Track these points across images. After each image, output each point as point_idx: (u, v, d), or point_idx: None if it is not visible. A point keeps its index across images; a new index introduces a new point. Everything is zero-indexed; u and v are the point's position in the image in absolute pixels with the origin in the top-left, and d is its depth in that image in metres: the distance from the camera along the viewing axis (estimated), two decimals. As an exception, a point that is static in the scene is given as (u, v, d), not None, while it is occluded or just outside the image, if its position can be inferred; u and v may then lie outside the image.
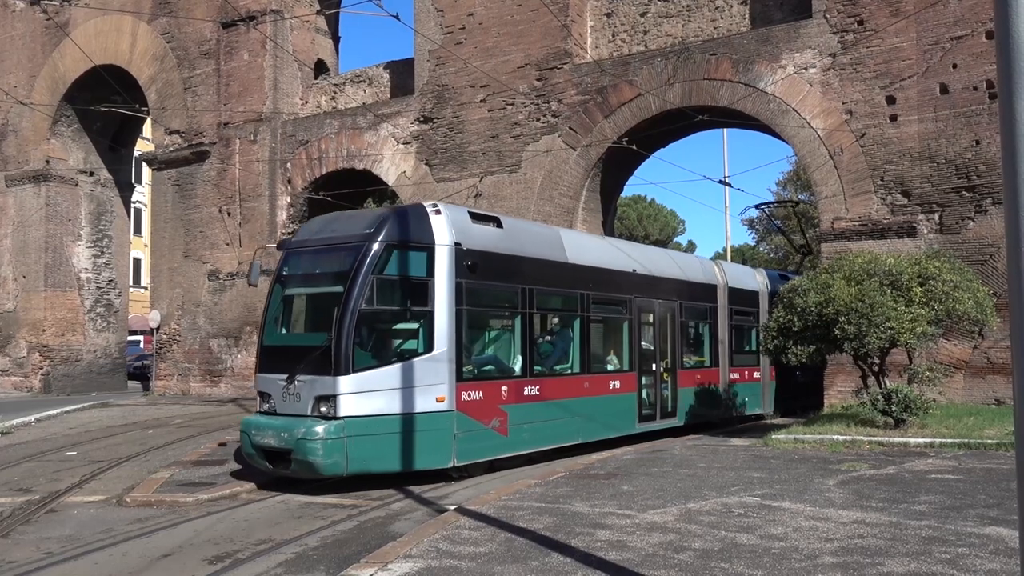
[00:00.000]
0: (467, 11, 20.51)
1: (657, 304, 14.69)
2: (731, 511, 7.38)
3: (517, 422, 11.17)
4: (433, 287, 10.16)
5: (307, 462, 9.35)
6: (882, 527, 6.60)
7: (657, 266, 15.04)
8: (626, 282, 13.88)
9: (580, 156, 19.23)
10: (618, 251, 14.24)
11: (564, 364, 12.62)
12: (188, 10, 24.46)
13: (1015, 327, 2.95)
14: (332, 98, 23.88)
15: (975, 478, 8.81)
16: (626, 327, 13.94)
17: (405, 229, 10.23)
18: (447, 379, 10.11)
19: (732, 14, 18.69)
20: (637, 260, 14.41)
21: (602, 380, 13.23)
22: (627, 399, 13.71)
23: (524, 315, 11.56)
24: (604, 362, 13.67)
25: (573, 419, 12.27)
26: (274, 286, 10.86)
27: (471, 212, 11.26)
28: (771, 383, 18.59)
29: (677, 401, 15.04)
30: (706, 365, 16.40)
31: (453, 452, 10.17)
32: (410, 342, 10.30)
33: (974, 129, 15.30)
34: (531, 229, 12.80)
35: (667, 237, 48.55)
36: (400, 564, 5.78)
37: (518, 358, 11.55)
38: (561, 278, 12.39)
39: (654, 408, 14.40)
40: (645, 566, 5.60)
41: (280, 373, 9.95)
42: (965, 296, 12.05)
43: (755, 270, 19.66)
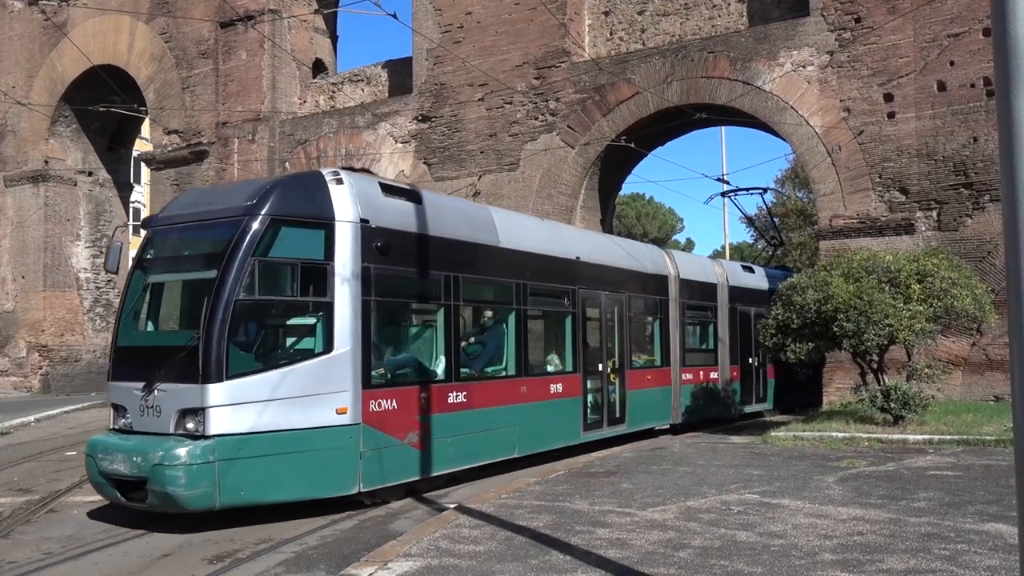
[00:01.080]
0: (465, 10, 20.50)
1: (604, 297, 13.08)
2: (731, 508, 7.39)
3: (440, 435, 9.44)
4: (333, 272, 8.34)
5: (165, 494, 7.49)
6: (881, 524, 6.62)
7: (603, 254, 13.43)
8: (569, 271, 12.23)
9: (578, 154, 19.24)
10: (559, 236, 12.62)
11: (497, 366, 10.95)
12: (186, 10, 24.45)
13: (1013, 324, 2.96)
14: (330, 97, 23.88)
15: (974, 475, 8.82)
16: (569, 323, 12.30)
17: (298, 201, 8.45)
18: (351, 385, 8.34)
19: (730, 12, 18.70)
20: (581, 246, 12.82)
21: (542, 383, 11.53)
22: (571, 405, 12.06)
23: (448, 308, 9.83)
24: (544, 363, 12.11)
25: (508, 429, 10.64)
26: (133, 272, 8.86)
27: (383, 183, 9.43)
28: (734, 384, 17.26)
29: (626, 406, 13.45)
30: (656, 365, 14.94)
31: (359, 475, 8.39)
32: (304, 340, 8.56)
33: (972, 126, 15.31)
34: (457, 206, 11.03)
35: (665, 235, 48.57)
36: (400, 563, 5.79)
37: (441, 359, 9.82)
38: (493, 265, 10.68)
39: (601, 414, 12.81)
40: (645, 564, 5.61)
41: (136, 381, 8.04)
42: (963, 293, 12.07)
43: (714, 261, 18.46)
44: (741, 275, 18.20)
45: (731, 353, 17.08)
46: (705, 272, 16.86)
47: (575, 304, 12.32)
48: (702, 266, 17.17)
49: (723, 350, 16.84)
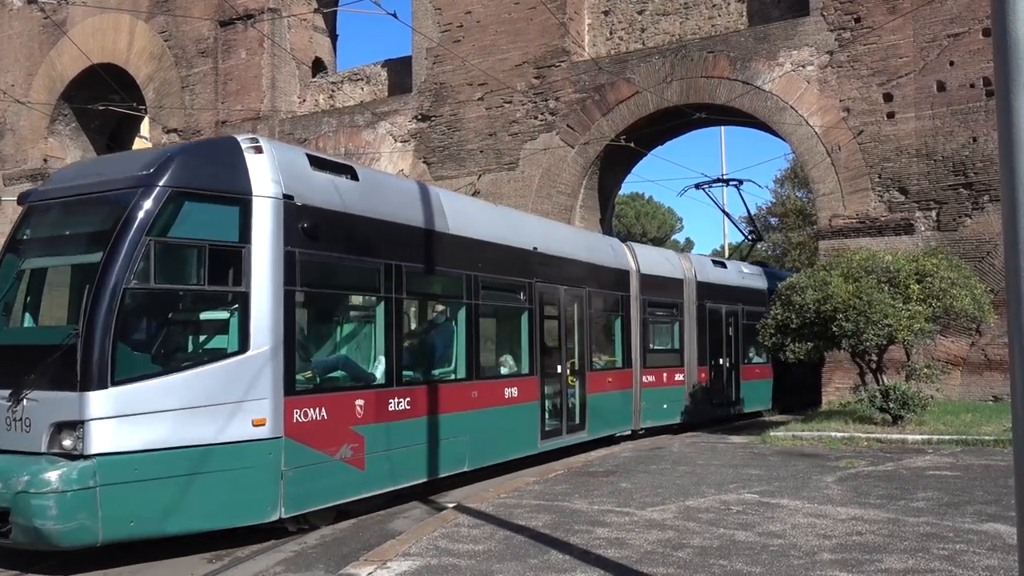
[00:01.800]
0: (465, 9, 20.50)
1: (563, 292, 12.02)
2: (730, 508, 7.40)
3: (379, 449, 8.21)
4: (249, 257, 7.01)
5: (32, 528, 6.06)
6: (880, 524, 6.62)
7: (562, 244, 12.36)
8: (525, 263, 11.12)
9: (578, 154, 19.24)
10: (514, 223, 11.46)
11: (445, 368, 9.74)
12: (186, 9, 24.43)
13: (1012, 324, 2.97)
14: (330, 96, 23.87)
15: (973, 475, 8.83)
16: (525, 320, 11.14)
17: (207, 171, 7.09)
18: (270, 392, 7.01)
19: (730, 12, 18.70)
20: (538, 236, 11.69)
21: (496, 387, 10.37)
22: (527, 411, 10.92)
23: (389, 302, 8.54)
24: (498, 364, 11.02)
25: (457, 440, 9.43)
26: (4, 256, 7.42)
27: (311, 154, 8.10)
28: (701, 386, 16.16)
29: (586, 411, 12.40)
30: (617, 366, 13.85)
31: (279, 499, 7.07)
32: (213, 338, 7.29)
33: (971, 126, 15.32)
34: (401, 186, 9.68)
35: (665, 235, 48.55)
36: (399, 562, 5.79)
37: (380, 361, 8.55)
38: (441, 254, 9.40)
39: (560, 420, 11.75)
40: (644, 563, 5.61)
41: (2, 388, 6.59)
42: (962, 293, 12.08)
43: (681, 255, 17.20)
44: (711, 271, 17.23)
45: (699, 354, 16.09)
46: (670, 267, 15.84)
47: (532, 300, 11.19)
48: (667, 260, 16.08)
49: (690, 350, 15.87)
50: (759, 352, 18.01)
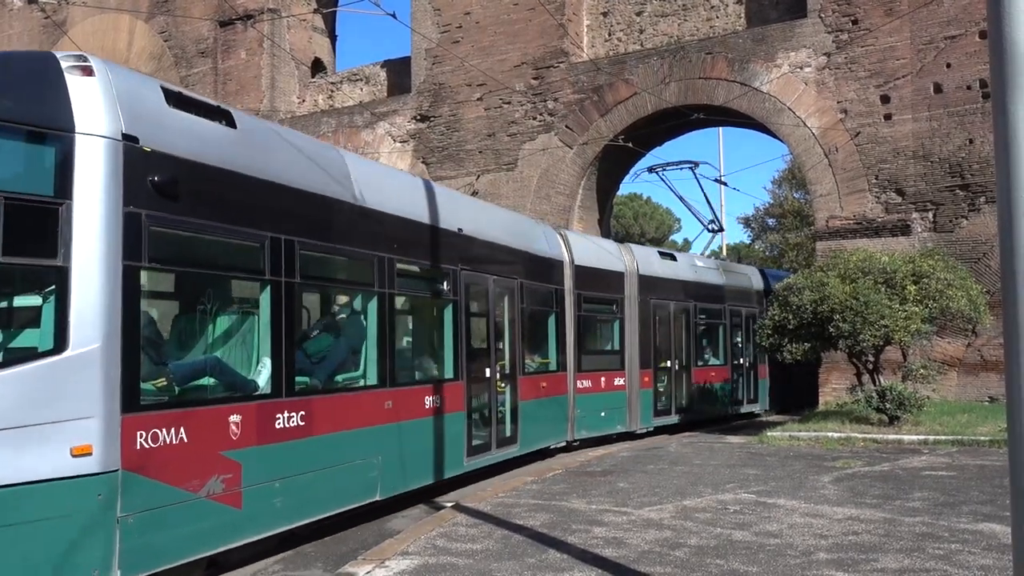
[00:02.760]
0: (464, 10, 20.52)
1: (492, 283, 10.38)
2: (727, 508, 7.42)
3: (261, 479, 6.26)
4: (69, 219, 5.04)
5: None
6: (876, 523, 6.65)
7: (491, 227, 10.73)
8: (450, 247, 9.34)
9: (576, 154, 19.27)
10: (437, 199, 9.45)
11: (351, 372, 7.89)
12: (186, 9, 24.43)
13: (1008, 325, 2.99)
14: (329, 97, 23.89)
15: (968, 475, 8.86)
16: (449, 315, 9.44)
17: (3, 96, 5.09)
18: (100, 407, 5.04)
19: (728, 13, 18.75)
20: (465, 215, 10.02)
21: (415, 396, 8.55)
22: (452, 423, 9.13)
23: (278, 288, 6.59)
24: (417, 368, 9.32)
25: (367, 462, 7.61)
26: None
27: (169, 89, 6.03)
28: (644, 391, 14.52)
29: (518, 421, 10.82)
30: (551, 369, 12.29)
31: (113, 559, 5.06)
32: (19, 334, 5.36)
33: (968, 128, 15.37)
34: (294, 141, 7.43)
35: (663, 235, 48.60)
36: (397, 561, 5.81)
37: (265, 364, 6.56)
38: (349, 230, 7.58)
39: (489, 433, 10.14)
40: (641, 563, 5.64)
41: None
42: (959, 294, 12.13)
43: (621, 246, 15.39)
44: (657, 264, 15.62)
45: (642, 355, 14.52)
46: (608, 258, 14.28)
47: (457, 290, 9.46)
48: (605, 251, 14.46)
49: (631, 352, 14.33)
50: (716, 353, 17.38)
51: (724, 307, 17.45)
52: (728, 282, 17.84)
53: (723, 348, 17.50)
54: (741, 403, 18.09)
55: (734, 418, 16.84)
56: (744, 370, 18.23)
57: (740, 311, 18.09)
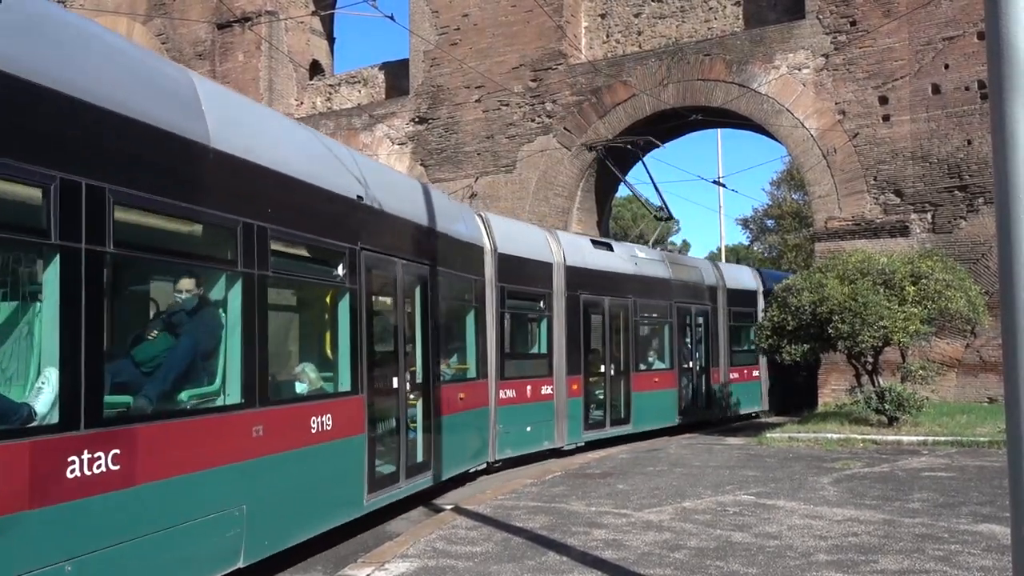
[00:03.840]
0: (462, 12, 20.54)
1: (401, 268, 8.17)
2: (726, 509, 7.42)
3: (38, 562, 3.99)
4: None
5: None
6: (876, 525, 6.65)
7: (400, 200, 8.44)
8: (347, 218, 7.22)
9: (575, 156, 19.28)
10: (328, 154, 7.32)
11: (202, 388, 5.59)
12: (183, 11, 24.44)
13: (1006, 325, 2.99)
14: (327, 99, 23.89)
15: (968, 475, 8.87)
16: (345, 307, 7.20)
17: None
18: None
19: (726, 15, 18.77)
20: (366, 180, 7.71)
21: (296, 418, 6.35)
22: (347, 451, 7.00)
23: (75, 261, 4.32)
24: (300, 379, 6.94)
25: (224, 517, 5.40)
26: None
27: None
28: (573, 400, 12.65)
29: (432, 444, 8.69)
30: (470, 377, 10.30)
31: None
32: None
33: (966, 129, 15.39)
34: (115, 45, 5.09)
35: (661, 237, 48.60)
36: (397, 564, 5.80)
37: (48, 378, 4.24)
38: (194, 180, 5.35)
39: (396, 461, 7.92)
40: (641, 565, 5.63)
41: None
42: (957, 295, 12.14)
43: (547, 232, 13.21)
44: (589, 253, 13.57)
45: (571, 359, 12.62)
46: (536, 246, 12.33)
47: (356, 276, 7.24)
48: (531, 238, 12.49)
49: (559, 356, 12.46)
50: (661, 356, 15.53)
51: (671, 304, 15.57)
52: (676, 276, 15.91)
53: (669, 350, 15.55)
54: (691, 411, 16.14)
55: (682, 429, 15.25)
56: (694, 375, 16.41)
57: (690, 308, 16.24)
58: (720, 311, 17.29)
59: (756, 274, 19.78)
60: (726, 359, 17.49)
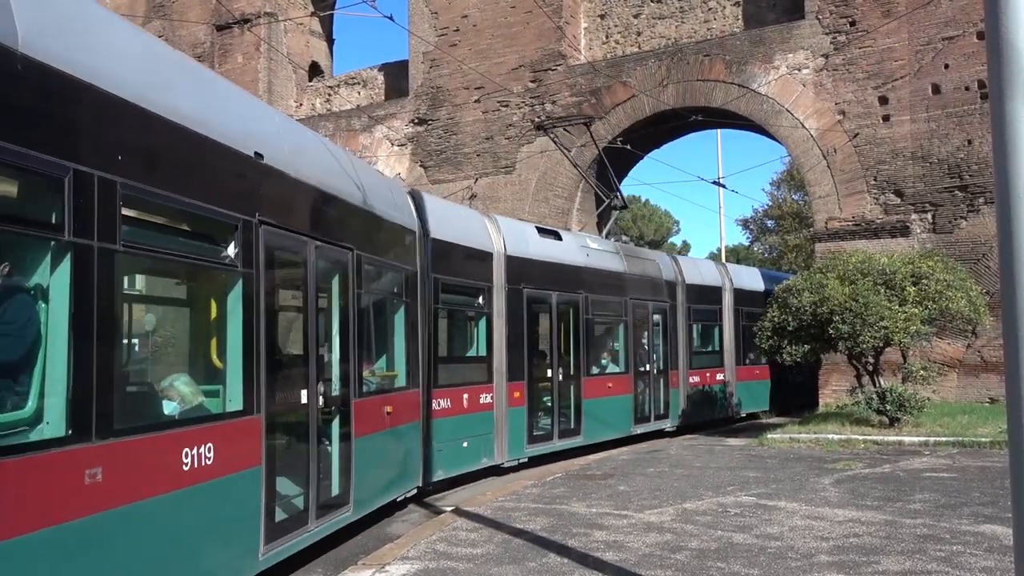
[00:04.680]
0: (461, 13, 20.54)
1: (313, 251, 6.49)
2: (727, 511, 7.41)
3: None
4: None
5: None
6: (877, 526, 6.64)
7: (311, 163, 6.77)
8: (239, 180, 5.58)
9: (575, 157, 19.25)
10: (216, 94, 5.69)
11: (14, 413, 3.72)
12: (182, 13, 24.44)
13: (1007, 325, 2.98)
14: (327, 100, 23.89)
15: (969, 476, 8.85)
16: (236, 300, 5.49)
17: None
18: None
19: (725, 15, 18.77)
20: (268, 133, 6.10)
21: (158, 452, 4.57)
22: (236, 492, 5.31)
23: None
24: (166, 396, 5.27)
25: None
26: None
27: None
28: (516, 410, 11.18)
29: (351, 471, 7.00)
30: (399, 386, 8.60)
31: None
32: None
33: (966, 129, 15.38)
34: None
35: (661, 238, 48.63)
36: (397, 566, 5.79)
37: None
38: None
39: (304, 499, 6.22)
40: (642, 566, 5.62)
41: None
42: (958, 295, 12.13)
43: (486, 216, 11.68)
44: (534, 243, 12.11)
45: (512, 363, 11.17)
46: (474, 233, 10.86)
47: (252, 257, 5.52)
48: (469, 223, 10.99)
49: (500, 359, 11.00)
50: (615, 358, 14.10)
51: (626, 300, 14.13)
52: (631, 270, 14.46)
53: (624, 352, 14.09)
54: (648, 418, 14.64)
55: (640, 439, 14.06)
56: (651, 379, 14.85)
57: (647, 305, 14.82)
58: (679, 309, 15.95)
59: (723, 270, 18.32)
60: (686, 361, 16.04)
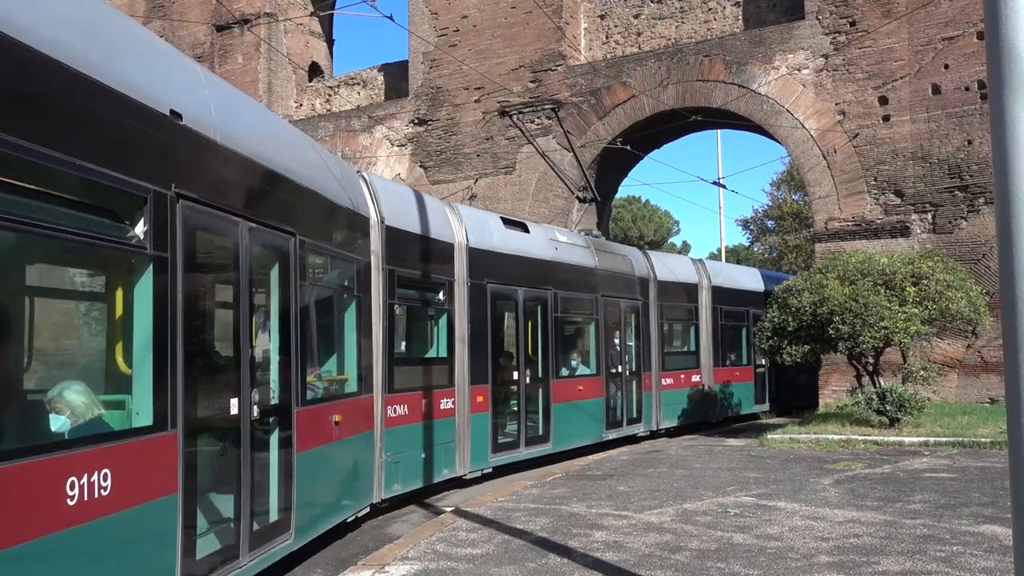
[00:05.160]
0: (461, 13, 20.54)
1: (247, 233, 5.49)
2: (727, 511, 7.41)
3: None
4: None
5: None
6: (877, 526, 6.64)
7: (248, 129, 5.84)
8: (150, 143, 4.43)
9: (575, 157, 19.25)
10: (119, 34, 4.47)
11: None
12: (182, 13, 24.44)
13: (1007, 326, 2.98)
14: (327, 101, 23.89)
15: (969, 476, 8.85)
16: (146, 289, 4.41)
17: None
18: None
19: (725, 15, 18.78)
20: (190, 94, 5.03)
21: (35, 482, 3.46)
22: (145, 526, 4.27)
23: None
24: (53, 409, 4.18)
25: None
26: None
27: None
28: (479, 416, 10.16)
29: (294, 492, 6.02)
30: (349, 391, 7.54)
31: None
32: None
33: (966, 129, 15.39)
34: None
35: (661, 238, 48.64)
36: (397, 566, 5.79)
37: None
38: None
39: (236, 526, 5.22)
40: (642, 566, 5.62)
41: None
42: (958, 295, 12.12)
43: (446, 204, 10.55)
44: (499, 234, 11.03)
45: (475, 365, 10.11)
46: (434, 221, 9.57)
47: (167, 238, 4.56)
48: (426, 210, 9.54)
49: (461, 360, 9.89)
50: (585, 360, 13.16)
51: (597, 297, 13.17)
52: (603, 265, 13.55)
53: (596, 353, 13.13)
54: (620, 423, 13.68)
55: (614, 444, 13.33)
56: (623, 381, 13.90)
57: (618, 303, 13.93)
58: (652, 307, 15.10)
59: (699, 267, 17.22)
60: (659, 363, 15.13)
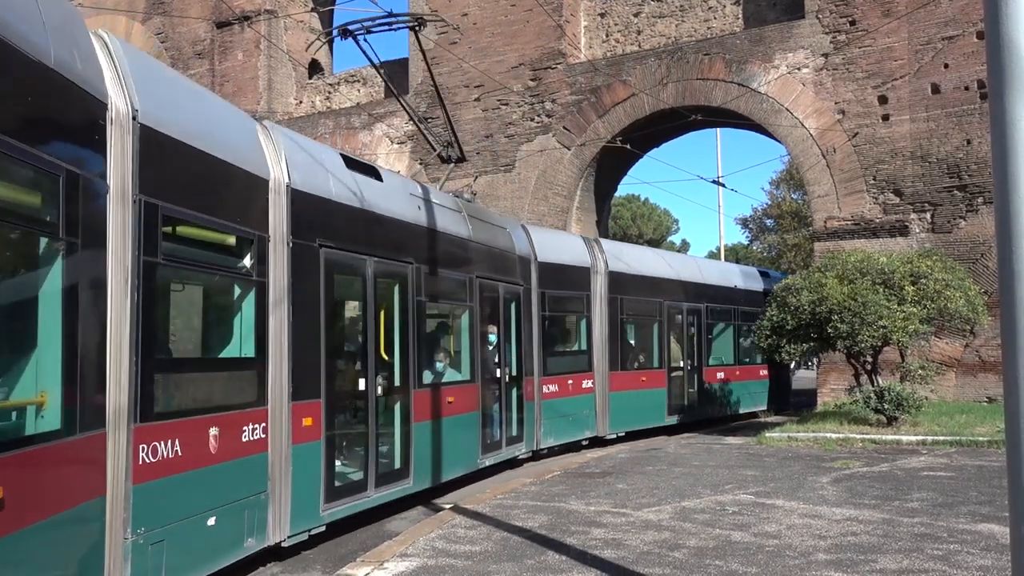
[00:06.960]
0: (461, 11, 20.53)
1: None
2: (725, 509, 7.42)
3: None
4: None
5: None
6: (875, 524, 6.65)
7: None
8: None
9: (574, 156, 19.27)
10: None
11: None
12: (182, 10, 24.42)
13: (1006, 325, 2.99)
14: (327, 98, 23.88)
15: (967, 475, 8.87)
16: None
17: None
18: None
19: (725, 14, 18.78)
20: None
21: None
22: None
23: None
24: None
25: None
26: None
27: None
28: (304, 448, 6.64)
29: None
30: (54, 430, 4.13)
31: None
32: None
33: (965, 129, 15.40)
34: None
35: (661, 236, 48.64)
36: (396, 563, 5.80)
37: None
38: None
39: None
40: (640, 564, 5.63)
41: None
42: (957, 294, 12.15)
43: (259, 124, 7.63)
44: (339, 176, 7.68)
45: (299, 372, 6.67)
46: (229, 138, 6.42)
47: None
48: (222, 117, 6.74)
49: (277, 365, 6.46)
50: (457, 363, 10.17)
51: (471, 278, 10.18)
52: (478, 237, 10.49)
53: (470, 352, 10.18)
54: (499, 444, 10.76)
55: (494, 470, 10.78)
56: (502, 388, 10.94)
57: (497, 287, 10.90)
58: (533, 294, 12.11)
59: (594, 248, 14.12)
60: (540, 366, 12.18)
